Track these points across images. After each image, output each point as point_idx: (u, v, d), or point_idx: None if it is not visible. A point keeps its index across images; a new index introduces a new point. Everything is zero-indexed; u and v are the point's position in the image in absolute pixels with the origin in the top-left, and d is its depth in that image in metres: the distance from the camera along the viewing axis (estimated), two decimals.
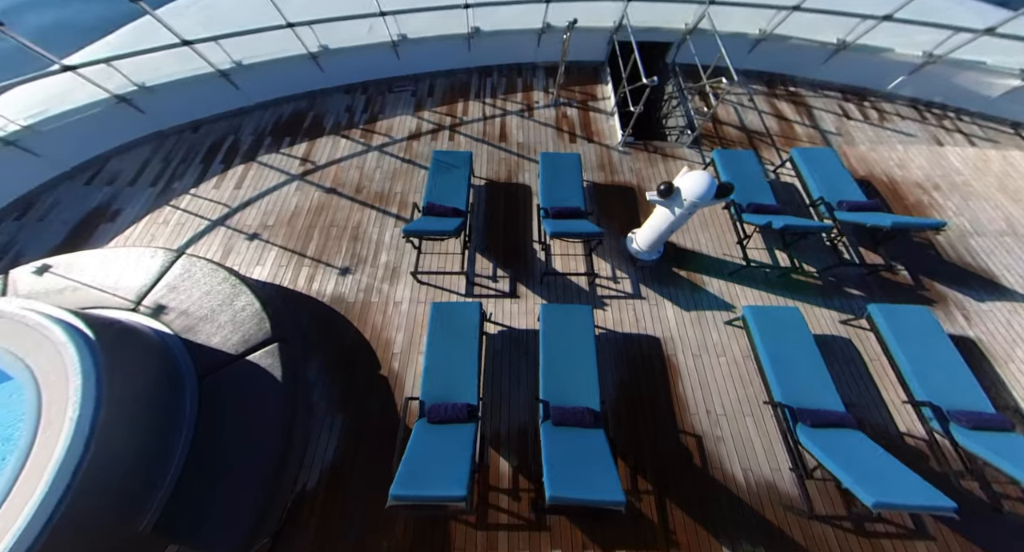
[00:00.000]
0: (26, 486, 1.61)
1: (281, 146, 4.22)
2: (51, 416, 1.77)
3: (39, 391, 1.82)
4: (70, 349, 1.91)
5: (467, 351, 2.61)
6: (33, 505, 1.54)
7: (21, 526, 1.51)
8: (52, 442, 1.70)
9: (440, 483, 1.85)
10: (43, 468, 1.64)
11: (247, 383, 2.48)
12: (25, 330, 1.97)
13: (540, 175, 3.61)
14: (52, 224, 3.48)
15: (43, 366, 1.89)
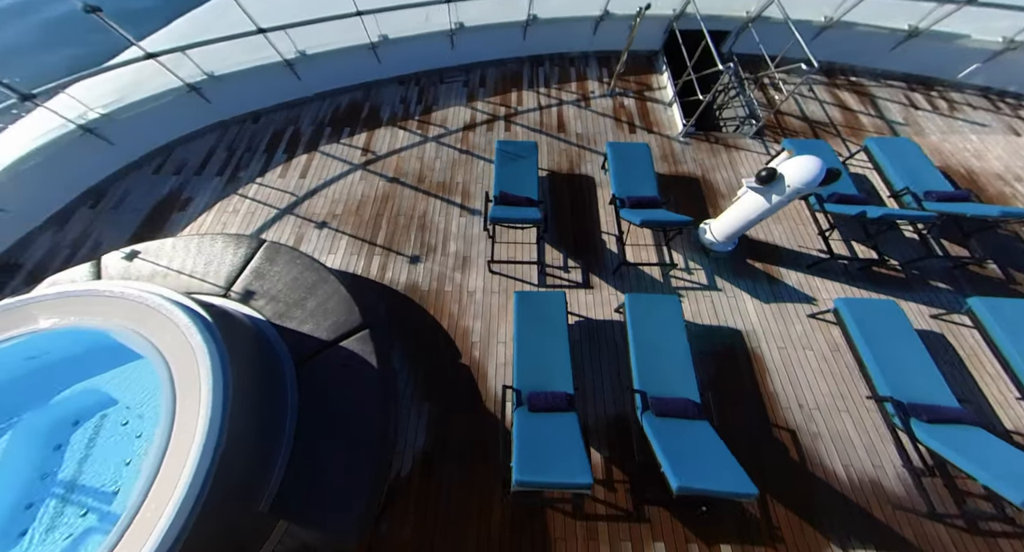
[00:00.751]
0: (174, 463, 1.62)
1: (341, 136, 4.22)
2: (186, 395, 1.77)
3: (170, 371, 1.83)
4: (195, 331, 1.91)
5: (558, 340, 2.57)
6: (185, 481, 1.55)
7: (178, 500, 1.51)
8: (191, 421, 1.70)
9: (563, 470, 1.83)
10: (188, 445, 1.65)
11: (342, 369, 2.47)
12: (148, 312, 1.98)
13: (610, 165, 3.55)
14: (126, 213, 3.53)
15: (170, 346, 1.90)
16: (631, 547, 2.24)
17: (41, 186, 3.23)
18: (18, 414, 1.89)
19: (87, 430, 1.98)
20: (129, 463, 1.96)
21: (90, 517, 1.82)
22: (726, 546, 2.25)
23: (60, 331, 1.88)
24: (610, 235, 3.58)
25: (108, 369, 2.08)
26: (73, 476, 1.86)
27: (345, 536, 2.01)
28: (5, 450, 1.81)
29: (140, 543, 1.47)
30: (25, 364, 1.94)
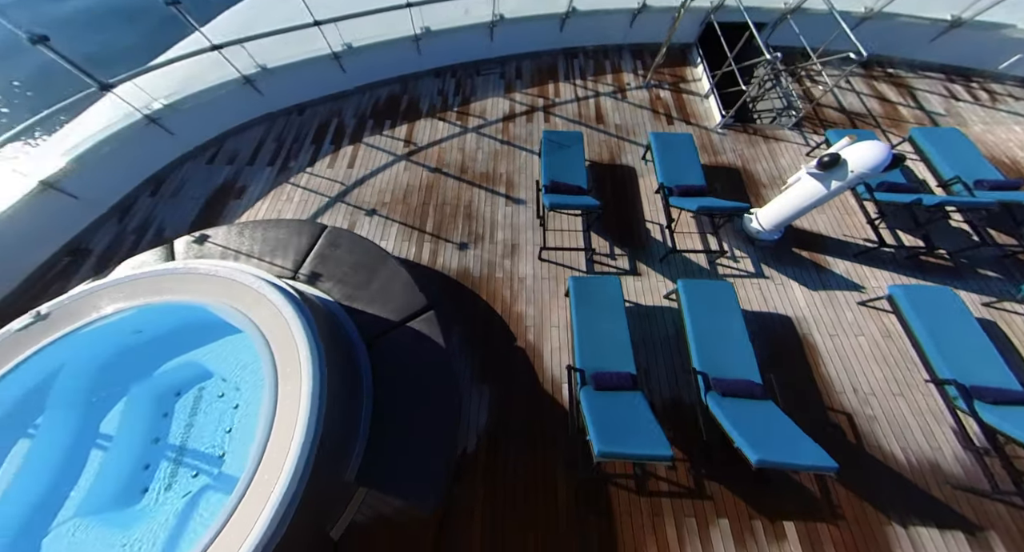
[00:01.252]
0: (284, 429, 1.71)
1: (383, 128, 4.30)
2: (286, 366, 1.87)
3: (269, 344, 1.92)
4: (288, 306, 2.01)
5: (616, 322, 2.64)
6: (296, 445, 1.64)
7: (291, 465, 1.61)
8: (294, 390, 1.80)
9: (643, 443, 1.89)
10: (294, 413, 1.74)
11: (410, 349, 2.56)
12: (242, 289, 2.08)
13: (655, 155, 3.59)
14: (184, 200, 3.65)
15: (266, 321, 2.00)
16: (695, 523, 2.31)
17: (108, 174, 3.35)
18: (129, 384, 2.00)
19: (188, 400, 2.09)
20: (230, 431, 2.07)
21: (201, 478, 1.94)
22: (788, 523, 2.31)
23: (165, 305, 1.99)
24: (654, 224, 3.63)
25: (204, 344, 2.19)
26: (181, 441, 1.98)
27: (421, 505, 2.10)
28: (123, 416, 1.93)
29: (260, 504, 1.56)
30: (132, 338, 2.05)
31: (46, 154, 3.00)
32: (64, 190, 3.00)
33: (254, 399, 2.09)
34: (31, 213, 2.90)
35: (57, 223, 3.14)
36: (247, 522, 1.52)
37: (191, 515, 1.77)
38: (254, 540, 1.46)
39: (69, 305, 1.93)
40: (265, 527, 1.49)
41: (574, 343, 2.61)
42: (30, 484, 1.72)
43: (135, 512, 1.79)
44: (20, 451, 1.75)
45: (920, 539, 2.26)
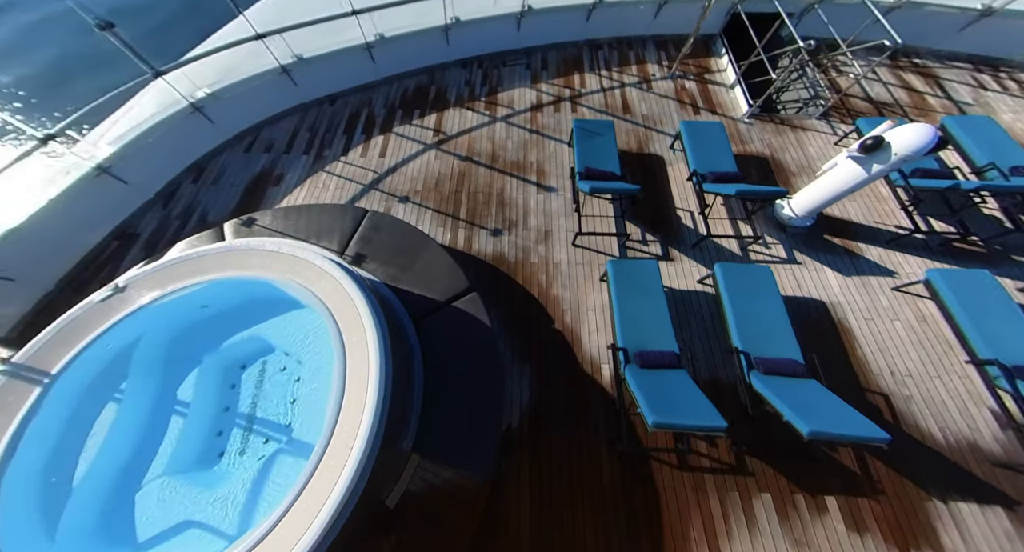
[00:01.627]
0: (355, 398, 1.78)
1: (412, 118, 4.37)
2: (351, 338, 1.95)
3: (334, 317, 2.00)
4: (350, 281, 2.09)
5: (656, 303, 2.69)
6: (369, 412, 1.72)
7: (366, 429, 1.69)
8: (362, 361, 1.87)
9: (696, 415, 1.96)
10: (364, 383, 1.82)
11: (456, 328, 2.64)
12: (305, 265, 2.16)
13: (686, 143, 3.63)
14: (225, 187, 3.74)
15: (330, 295, 2.08)
16: (738, 497, 2.37)
17: (154, 160, 3.45)
18: (200, 356, 2.09)
19: (253, 373, 2.18)
20: (294, 401, 2.15)
21: (271, 444, 2.02)
22: (830, 498, 2.36)
23: (232, 280, 2.07)
24: (684, 211, 3.67)
25: (265, 320, 2.27)
26: (249, 410, 2.07)
27: (475, 473, 2.17)
28: (195, 385, 2.02)
29: (337, 469, 1.63)
30: (200, 312, 2.14)
31: (97, 140, 3.10)
32: (115, 175, 3.11)
33: (315, 372, 2.17)
34: (86, 197, 3.00)
35: (108, 207, 3.24)
36: (325, 486, 1.59)
37: (266, 477, 1.86)
38: (333, 503, 1.53)
39: (144, 279, 2.02)
40: (344, 490, 1.56)
41: (615, 324, 2.68)
42: (120, 445, 1.82)
43: (215, 474, 1.88)
44: (109, 414, 1.85)
45: (960, 514, 2.31)
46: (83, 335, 1.88)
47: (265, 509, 1.76)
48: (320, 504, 1.55)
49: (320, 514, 1.52)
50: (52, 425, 1.70)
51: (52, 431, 1.70)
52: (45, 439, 1.67)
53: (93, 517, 1.66)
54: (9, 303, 2.77)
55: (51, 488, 1.59)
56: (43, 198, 2.73)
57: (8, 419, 1.64)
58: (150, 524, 1.72)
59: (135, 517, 1.72)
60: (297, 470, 1.81)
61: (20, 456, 1.57)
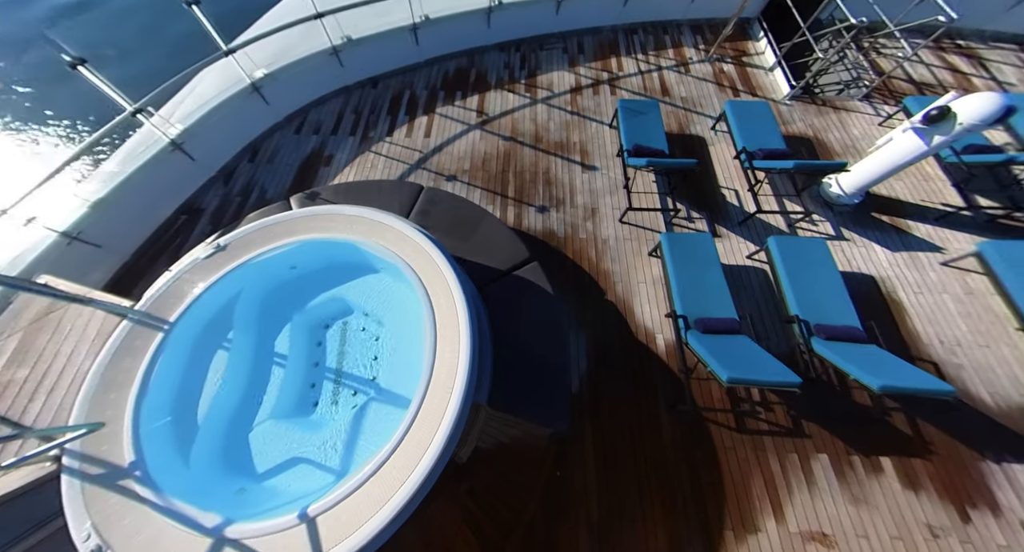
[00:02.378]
0: (447, 355, 1.90)
1: (455, 99, 4.46)
2: (438, 297, 2.06)
3: (420, 277, 2.12)
4: (430, 243, 2.20)
5: (713, 273, 2.78)
6: (464, 367, 1.83)
7: (461, 383, 1.79)
8: (451, 319, 1.98)
9: (769, 372, 2.05)
10: (456, 336, 1.93)
11: (519, 294, 2.75)
12: (385, 228, 2.28)
13: (732, 122, 3.68)
14: (280, 166, 3.88)
15: (412, 256, 2.19)
16: (797, 458, 2.47)
17: (217, 139, 3.59)
18: (289, 314, 2.23)
19: (336, 332, 2.32)
20: (376, 358, 2.28)
21: (359, 396, 2.16)
22: (884, 459, 2.45)
23: (321, 240, 2.20)
24: (729, 189, 3.73)
25: (345, 282, 2.40)
26: (336, 366, 2.20)
27: (544, 430, 2.29)
28: (291, 342, 2.15)
29: (436, 419, 1.75)
30: (289, 273, 2.27)
31: (169, 116, 3.23)
32: (185, 151, 3.25)
33: (394, 331, 2.30)
34: (159, 171, 3.15)
35: (177, 182, 3.40)
36: (424, 436, 1.69)
37: (360, 424, 2.00)
38: (435, 450, 1.63)
39: (242, 238, 2.15)
40: (444, 439, 1.66)
41: (671, 293, 2.77)
42: (230, 390, 1.97)
43: (313, 421, 2.02)
44: (219, 362, 2.00)
45: (1014, 473, 2.38)
46: (192, 288, 2.02)
47: (364, 452, 1.89)
48: (421, 452, 1.65)
49: (423, 460, 1.62)
50: (174, 367, 1.85)
51: (175, 372, 1.85)
52: (170, 379, 1.81)
53: (217, 450, 1.81)
54: (96, 269, 2.94)
55: (180, 423, 1.74)
56: (124, 170, 2.88)
57: (139, 360, 1.79)
58: (263, 459, 1.87)
59: (251, 453, 1.87)
60: (390, 419, 1.95)
61: (152, 393, 1.72)
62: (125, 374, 1.77)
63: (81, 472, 1.53)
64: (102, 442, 1.61)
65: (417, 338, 2.19)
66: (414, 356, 2.18)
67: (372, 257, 2.23)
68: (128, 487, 1.53)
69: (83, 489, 1.51)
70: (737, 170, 3.84)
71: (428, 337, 1.93)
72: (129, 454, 1.59)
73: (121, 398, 1.70)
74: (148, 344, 1.82)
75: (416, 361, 2.12)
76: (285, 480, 1.81)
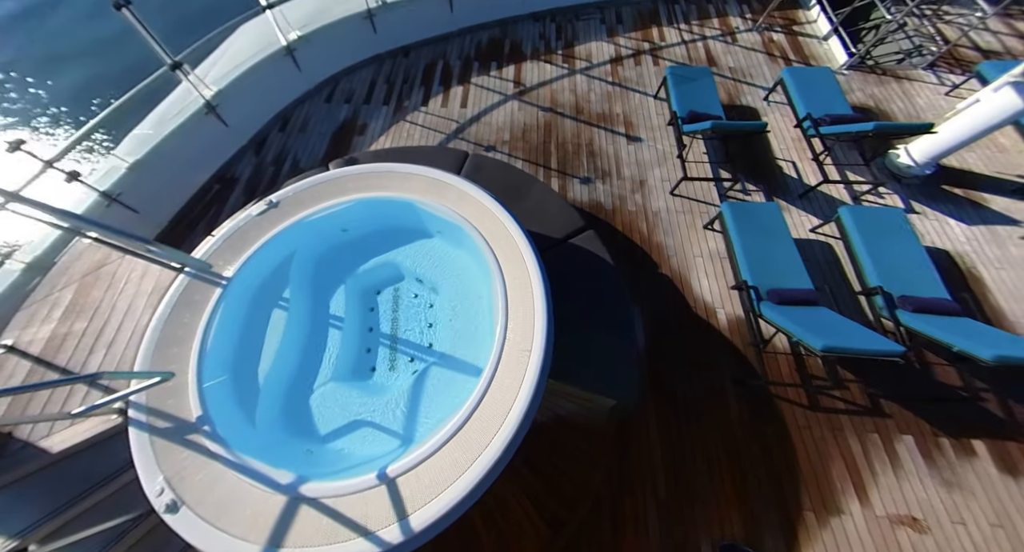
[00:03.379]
0: (523, 317, 1.80)
1: (490, 70, 4.33)
2: (508, 265, 1.95)
3: (487, 241, 2.01)
4: (495, 202, 2.10)
5: (783, 243, 2.64)
6: (541, 331, 1.73)
7: (540, 345, 1.70)
8: (523, 281, 1.88)
9: (865, 341, 1.93)
10: (530, 299, 1.83)
11: (577, 263, 2.64)
12: (445, 187, 2.18)
13: (792, 90, 3.50)
14: (312, 135, 3.79)
15: (476, 216, 2.09)
16: (878, 438, 2.34)
17: (248, 105, 3.51)
18: (342, 278, 2.14)
19: (387, 298, 2.24)
20: (431, 325, 2.20)
21: (416, 362, 2.08)
22: (977, 441, 2.31)
23: (378, 199, 2.10)
24: (786, 161, 3.57)
25: (396, 247, 2.30)
26: (391, 332, 2.12)
27: (620, 399, 2.18)
28: (345, 306, 2.07)
29: (516, 381, 1.65)
30: (341, 236, 2.18)
31: (204, 76, 3.14)
32: (220, 115, 3.17)
33: (449, 298, 2.20)
34: (194, 136, 3.07)
35: (211, 149, 3.33)
36: (502, 405, 1.60)
37: (421, 390, 1.91)
38: (514, 420, 1.53)
39: (295, 196, 2.06)
40: (523, 407, 1.56)
41: (737, 265, 2.63)
42: (289, 352, 1.90)
43: (371, 385, 1.94)
44: (278, 322, 1.93)
45: None
46: (247, 244, 1.94)
47: (429, 418, 1.81)
48: (502, 417, 1.56)
49: (505, 424, 1.52)
50: (234, 324, 1.78)
51: (234, 330, 1.78)
52: (230, 336, 1.74)
53: (279, 412, 1.74)
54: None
55: (242, 382, 1.67)
56: (159, 133, 2.81)
57: (199, 315, 1.72)
58: (325, 422, 1.80)
59: (312, 416, 1.80)
60: (454, 385, 1.87)
61: (214, 349, 1.65)
62: (185, 329, 1.70)
63: (150, 425, 1.47)
64: (168, 396, 1.54)
65: (478, 304, 2.11)
66: (475, 322, 2.09)
67: (429, 217, 2.13)
68: (198, 442, 1.46)
69: (153, 443, 1.44)
70: (795, 141, 3.66)
71: (499, 301, 1.83)
72: (196, 409, 1.52)
73: (183, 352, 1.63)
74: (207, 299, 1.75)
75: (478, 327, 2.04)
76: (350, 443, 1.74)
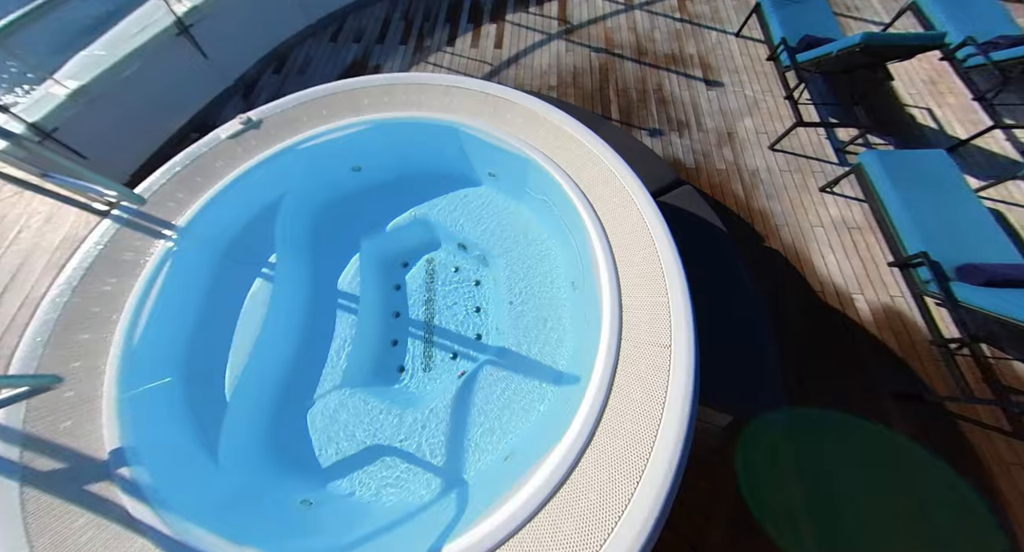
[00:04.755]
0: (646, 306, 1.16)
1: (528, 6, 3.62)
2: (611, 220, 1.33)
3: (574, 181, 1.39)
4: (599, 142, 1.46)
5: (965, 202, 1.93)
6: (685, 328, 1.10)
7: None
8: (641, 251, 1.25)
9: None
10: (655, 282, 1.19)
11: (675, 226, 2.01)
12: (505, 104, 1.54)
13: (935, 10, 2.75)
14: (313, 79, 3.12)
15: (573, 165, 1.46)
16: None
17: (235, 37, 2.86)
18: (356, 240, 1.53)
19: (418, 273, 1.61)
20: (479, 310, 1.58)
21: (461, 360, 1.47)
22: None
23: (402, 122, 1.48)
24: (919, 108, 2.85)
25: (431, 198, 1.67)
26: (425, 318, 1.49)
27: (729, 416, 1.56)
28: (361, 281, 1.44)
29: (660, 384, 1.03)
30: (353, 178, 1.56)
31: None
32: (196, 40, 2.55)
33: (507, 271, 1.58)
34: (162, 63, 2.42)
35: (185, 86, 2.67)
36: (629, 434, 0.96)
37: (470, 399, 1.29)
38: (667, 460, 0.91)
39: (283, 113, 1.45)
40: (679, 437, 0.94)
41: (898, 232, 1.95)
42: (277, 344, 1.27)
43: (402, 392, 1.34)
44: (259, 301, 1.31)
45: None
46: (211, 180, 1.34)
47: (490, 446, 1.21)
48: (640, 462, 0.92)
49: (646, 477, 0.89)
50: (188, 300, 1.19)
51: (188, 308, 1.19)
52: (180, 315, 1.15)
53: (259, 438, 1.15)
54: None
55: (200, 388, 1.08)
56: (117, 53, 2.22)
57: (129, 284, 1.13)
58: (330, 451, 1.18)
59: (312, 442, 1.20)
60: (521, 398, 1.25)
61: (152, 338, 1.06)
62: (106, 305, 1.11)
63: (23, 470, 0.89)
64: (61, 413, 0.95)
65: (550, 278, 1.49)
66: (547, 305, 1.47)
67: (480, 150, 1.48)
68: (110, 501, 0.87)
69: (24, 503, 0.87)
70: (930, 83, 2.90)
71: (603, 273, 1.21)
72: (112, 436, 0.92)
73: (98, 342, 1.05)
74: (144, 258, 1.16)
75: (553, 312, 1.42)
76: (369, 485, 1.14)
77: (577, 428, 0.92)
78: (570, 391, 1.12)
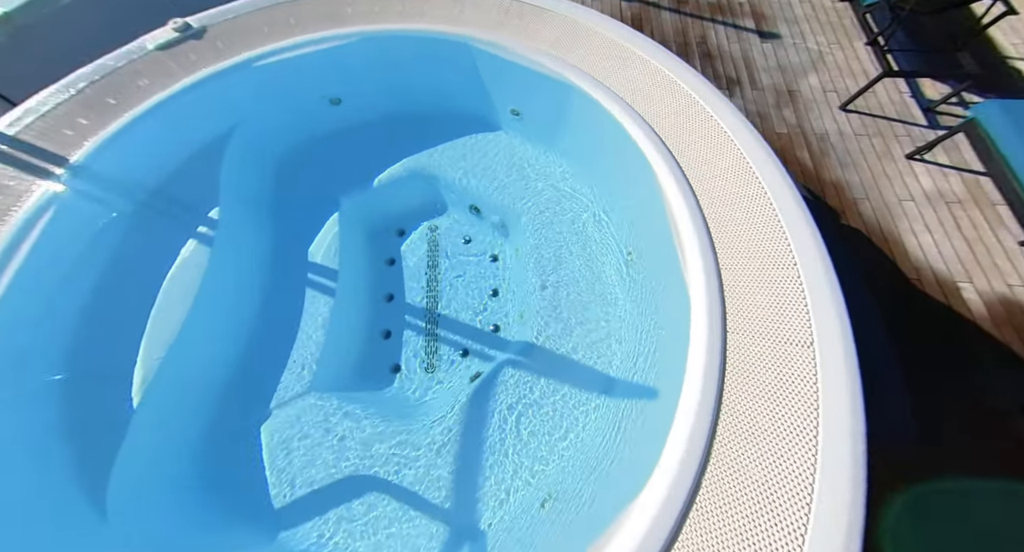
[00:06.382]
0: (763, 284, 0.83)
1: None
2: (707, 185, 0.98)
3: (657, 134, 1.04)
4: (677, 62, 1.10)
5: None
6: (838, 317, 0.78)
7: None
8: (761, 217, 0.90)
9: None
10: (784, 253, 0.85)
11: None
12: (569, 25, 1.19)
13: None
14: None
15: (620, 83, 1.11)
16: None
17: None
18: (334, 197, 1.17)
19: (418, 244, 1.25)
20: (496, 294, 1.24)
21: (474, 360, 1.13)
22: None
23: (394, 35, 1.14)
24: None
25: (437, 145, 1.32)
26: (426, 303, 1.15)
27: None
28: (341, 252, 1.08)
29: (809, 402, 0.70)
30: (328, 113, 1.20)
31: None
32: None
33: (530, 244, 1.22)
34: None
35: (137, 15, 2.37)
36: (782, 475, 0.64)
37: (486, 409, 0.96)
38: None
39: (235, 19, 1.10)
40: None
41: None
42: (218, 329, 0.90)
43: (396, 398, 1.00)
44: (190, 272, 0.96)
45: None
46: (130, 102, 1.01)
47: (521, 474, 0.88)
48: (798, 522, 0.60)
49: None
50: (79, 262, 0.85)
51: (81, 275, 0.85)
52: (67, 287, 0.82)
53: (183, 463, 0.79)
54: None
55: (87, 392, 0.75)
56: None
57: None
58: (293, 481, 0.83)
59: (264, 466, 0.83)
60: (565, 413, 0.92)
61: (6, 317, 0.73)
62: None
63: None
64: None
65: (592, 250, 1.14)
66: (587, 285, 1.13)
67: (501, 74, 1.14)
68: None
69: None
70: None
71: (688, 235, 0.86)
72: None
73: None
74: (12, 206, 0.84)
75: (594, 295, 1.08)
76: (346, 535, 0.81)
77: (673, 472, 0.58)
78: (635, 408, 0.78)
